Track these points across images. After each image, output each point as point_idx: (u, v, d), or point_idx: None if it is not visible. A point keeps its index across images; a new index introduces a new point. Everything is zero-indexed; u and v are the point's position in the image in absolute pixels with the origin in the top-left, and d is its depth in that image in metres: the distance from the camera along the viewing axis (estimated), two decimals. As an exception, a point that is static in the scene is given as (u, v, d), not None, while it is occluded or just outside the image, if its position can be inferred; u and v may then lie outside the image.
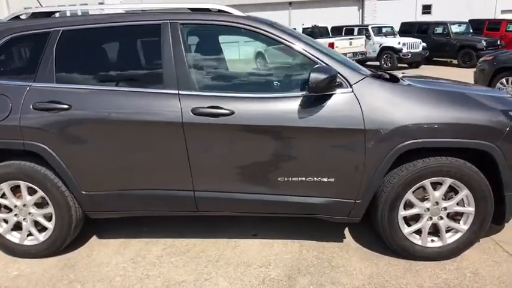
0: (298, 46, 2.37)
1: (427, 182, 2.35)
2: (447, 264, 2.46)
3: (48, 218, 2.58)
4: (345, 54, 13.14)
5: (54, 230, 2.57)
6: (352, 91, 2.30)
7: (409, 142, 2.25)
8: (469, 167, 2.31)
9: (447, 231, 2.48)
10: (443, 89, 2.45)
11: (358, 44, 13.63)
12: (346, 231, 2.87)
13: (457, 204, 2.41)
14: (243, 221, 2.99)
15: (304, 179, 2.39)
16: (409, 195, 2.38)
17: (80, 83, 2.43)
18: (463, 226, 2.44)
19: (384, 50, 13.98)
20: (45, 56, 2.45)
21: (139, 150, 2.40)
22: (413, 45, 13.46)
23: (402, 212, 2.41)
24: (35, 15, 2.61)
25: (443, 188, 2.37)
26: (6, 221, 2.62)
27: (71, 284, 2.37)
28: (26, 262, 2.61)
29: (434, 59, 14.96)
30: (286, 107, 2.30)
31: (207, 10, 2.49)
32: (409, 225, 2.48)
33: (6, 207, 2.59)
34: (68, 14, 3.07)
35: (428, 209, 2.42)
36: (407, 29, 16.03)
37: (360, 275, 2.38)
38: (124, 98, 2.37)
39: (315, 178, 2.39)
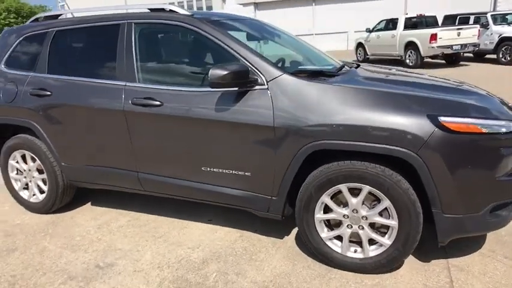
0: (227, 45, 2.43)
1: (343, 187, 2.20)
2: (367, 278, 2.27)
3: (45, 182, 3.21)
4: (450, 46, 11.74)
5: (47, 192, 3.20)
6: (267, 88, 2.29)
7: (315, 143, 2.15)
8: (389, 175, 2.08)
9: (374, 243, 2.28)
10: (369, 88, 2.19)
11: (469, 34, 11.92)
12: (296, 229, 2.83)
13: (381, 215, 2.20)
14: (208, 207, 3.18)
15: (223, 170, 2.48)
16: (325, 198, 2.26)
17: (60, 74, 2.95)
18: (387, 240, 2.21)
19: (504, 40, 11.97)
20: (42, 51, 3.05)
21: (96, 133, 2.81)
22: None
23: (319, 215, 2.31)
24: (47, 18, 3.23)
25: (361, 196, 2.18)
26: (19, 181, 3.35)
27: (45, 236, 2.95)
28: (30, 215, 3.31)
29: None
30: (206, 101, 2.41)
31: (162, 10, 2.73)
32: (332, 230, 2.35)
33: (18, 170, 3.32)
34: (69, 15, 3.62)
35: (347, 216, 2.26)
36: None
37: (269, 271, 2.38)
38: (87, 88, 2.80)
39: (233, 171, 2.45)
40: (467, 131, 1.98)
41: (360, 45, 15.92)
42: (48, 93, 2.93)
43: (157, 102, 2.53)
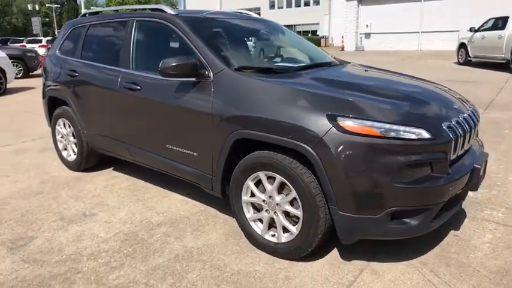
0: (190, 40, 2.78)
1: (262, 174, 2.40)
2: (279, 262, 2.43)
3: (76, 145, 4.01)
4: None
5: (77, 154, 3.99)
6: (212, 80, 2.59)
7: (239, 131, 2.40)
8: (295, 167, 2.22)
9: (288, 230, 2.43)
10: (291, 87, 2.33)
11: None
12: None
13: (292, 205, 2.34)
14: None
15: (180, 149, 2.87)
16: (249, 183, 2.48)
17: (86, 59, 3.66)
18: (294, 229, 2.35)
19: None
20: (79, 40, 3.81)
21: (102, 108, 3.45)
22: None
23: (245, 197, 2.54)
24: (90, 14, 3.99)
25: (275, 184, 2.35)
26: (61, 143, 4.22)
27: (64, 187, 3.72)
28: (65, 171, 4.16)
29: None
30: (169, 88, 2.82)
31: (159, 10, 3.20)
32: (255, 213, 2.57)
33: (61, 134, 4.19)
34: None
35: (265, 202, 2.45)
36: None
37: (202, 241, 2.69)
38: (99, 71, 3.45)
39: (186, 150, 2.82)
40: (362, 132, 2.02)
41: (462, 45, 14.42)
42: (76, 74, 3.67)
43: (138, 87, 3.03)
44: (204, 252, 2.57)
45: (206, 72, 2.63)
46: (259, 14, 47.53)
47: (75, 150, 4.02)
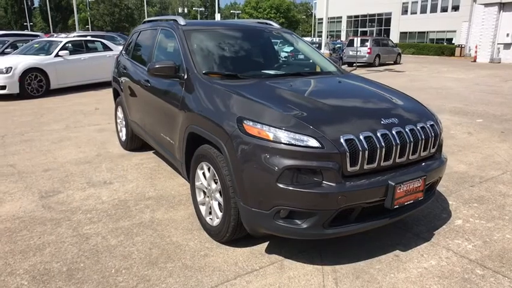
0: (181, 48, 3.29)
1: (204, 164, 2.78)
2: (210, 242, 2.77)
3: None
4: None
5: (125, 136, 4.91)
6: (184, 81, 3.06)
7: (190, 126, 2.84)
8: (219, 161, 2.53)
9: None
10: (229, 91, 2.67)
11: None
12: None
13: (221, 194, 2.65)
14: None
15: (166, 137, 3.42)
16: (198, 171, 2.88)
17: (133, 58, 4.49)
18: (220, 215, 2.66)
19: None
20: (132, 43, 4.69)
21: (134, 98, 4.23)
22: None
23: (197, 183, 2.94)
24: (144, 22, 4.85)
25: (210, 173, 2.70)
26: (118, 126, 5.20)
27: (108, 161, 4.63)
28: (119, 149, 5.11)
29: None
30: (163, 84, 3.40)
31: (175, 21, 3.79)
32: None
33: (119, 119, 5.17)
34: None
35: (206, 188, 2.82)
36: None
37: (160, 216, 3.19)
38: (136, 68, 4.24)
39: (169, 139, 3.35)
40: (257, 135, 2.24)
41: None
42: (125, 70, 4.54)
43: (149, 83, 3.69)
44: (162, 224, 3.07)
45: (182, 75, 3.11)
46: (389, 19, 45.45)
47: (124, 133, 4.95)
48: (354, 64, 20.63)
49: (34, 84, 9.43)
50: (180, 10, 63.82)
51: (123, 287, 2.29)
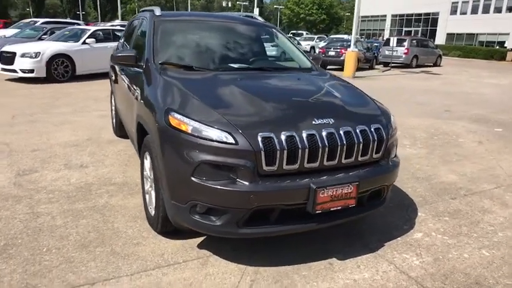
0: (146, 38, 3.30)
1: (147, 154, 2.78)
2: (149, 231, 2.78)
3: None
4: None
5: (115, 122, 5.04)
6: (143, 70, 3.07)
7: (137, 115, 2.85)
8: (154, 152, 2.54)
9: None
10: (175, 82, 2.67)
11: None
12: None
13: (158, 184, 2.66)
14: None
15: (129, 126, 3.46)
16: (144, 160, 2.89)
17: (121, 47, 4.59)
18: (154, 203, 2.65)
19: None
20: (125, 31, 4.78)
21: (117, 85, 4.32)
22: None
23: (144, 173, 2.96)
24: (141, 11, 4.92)
25: (149, 163, 2.70)
26: (111, 114, 5.35)
27: (92, 145, 4.78)
28: (110, 136, 5.26)
29: None
30: (129, 74, 3.45)
31: (151, 11, 3.80)
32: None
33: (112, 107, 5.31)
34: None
35: (149, 178, 2.82)
36: None
37: (116, 202, 3.25)
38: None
39: (130, 127, 3.40)
40: (177, 127, 2.21)
41: None
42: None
43: (123, 72, 3.76)
44: (112, 209, 3.12)
45: (142, 64, 3.13)
46: (436, 19, 43.03)
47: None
48: (390, 64, 19.87)
49: (60, 70, 9.91)
50: (224, 4, 64.43)
51: (45, 266, 2.36)
